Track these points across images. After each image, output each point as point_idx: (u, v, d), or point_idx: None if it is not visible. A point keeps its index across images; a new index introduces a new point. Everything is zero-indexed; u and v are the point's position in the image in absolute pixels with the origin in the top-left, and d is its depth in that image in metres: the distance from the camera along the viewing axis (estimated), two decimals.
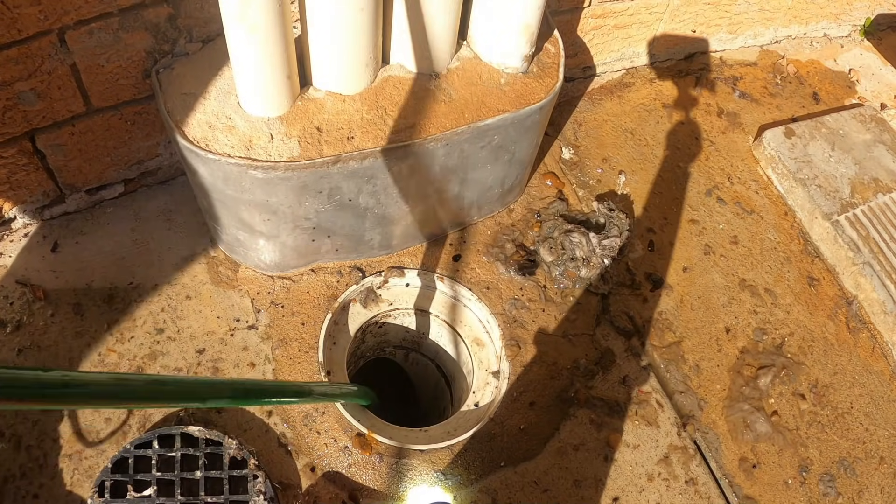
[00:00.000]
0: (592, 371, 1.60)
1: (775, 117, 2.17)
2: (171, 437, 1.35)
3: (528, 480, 1.45)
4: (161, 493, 1.30)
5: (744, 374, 1.66)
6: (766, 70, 2.28)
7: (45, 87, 1.31)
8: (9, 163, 1.41)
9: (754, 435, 1.58)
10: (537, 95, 1.49)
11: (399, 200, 1.52)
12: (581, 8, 1.85)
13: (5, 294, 1.47)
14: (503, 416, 1.51)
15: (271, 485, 1.34)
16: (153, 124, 1.51)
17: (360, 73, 1.37)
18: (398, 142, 1.37)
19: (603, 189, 1.90)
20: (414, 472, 1.42)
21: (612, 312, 1.69)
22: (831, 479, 1.56)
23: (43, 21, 1.21)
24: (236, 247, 1.55)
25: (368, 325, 1.68)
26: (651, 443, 1.53)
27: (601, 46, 2.03)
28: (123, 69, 1.36)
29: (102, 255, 1.55)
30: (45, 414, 1.36)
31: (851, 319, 1.80)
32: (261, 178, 1.31)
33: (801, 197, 1.94)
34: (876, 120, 2.13)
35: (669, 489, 1.48)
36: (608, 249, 1.73)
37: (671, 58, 2.21)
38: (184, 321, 1.51)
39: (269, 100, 1.30)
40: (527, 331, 1.62)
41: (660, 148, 2.02)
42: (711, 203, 1.94)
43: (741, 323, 1.74)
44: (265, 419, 1.43)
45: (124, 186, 1.62)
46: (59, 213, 1.58)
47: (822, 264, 1.88)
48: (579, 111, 2.05)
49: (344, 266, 1.64)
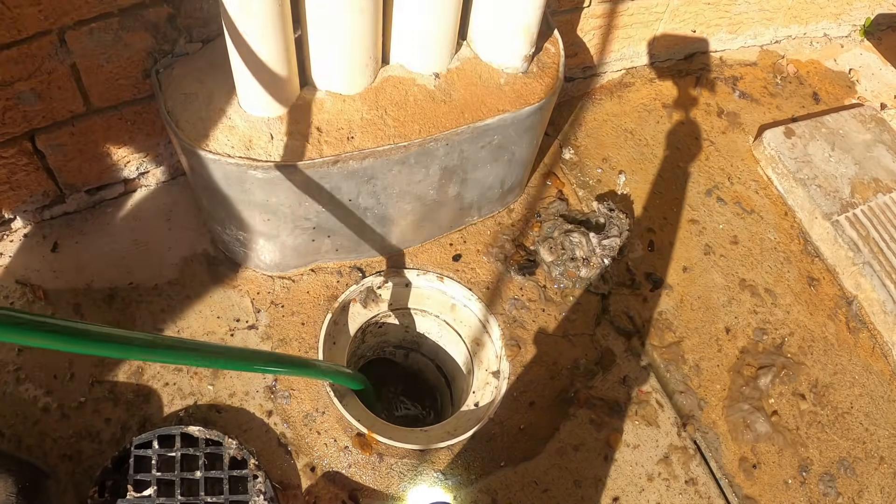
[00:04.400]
0: (592, 371, 1.60)
1: (775, 117, 2.17)
2: (171, 437, 1.35)
3: (528, 480, 1.45)
4: (161, 492, 1.30)
5: (744, 374, 1.66)
6: (766, 70, 2.28)
7: (45, 87, 1.31)
8: (9, 163, 1.41)
9: (754, 435, 1.58)
10: (537, 95, 1.49)
11: (399, 200, 1.52)
12: (581, 8, 1.85)
13: (5, 294, 1.47)
14: (503, 416, 1.51)
15: (271, 485, 1.34)
16: (153, 124, 1.51)
17: (360, 72, 1.37)
18: (398, 142, 1.37)
19: (603, 189, 1.90)
20: (414, 472, 1.42)
21: (612, 312, 1.69)
22: (831, 479, 1.56)
23: (43, 21, 1.21)
24: (236, 247, 1.55)
25: (368, 325, 1.68)
26: (651, 443, 1.53)
27: (601, 46, 2.03)
28: (123, 69, 1.36)
29: (102, 255, 1.55)
30: (45, 413, 1.36)
31: (851, 319, 1.80)
32: (261, 178, 1.31)
33: (801, 197, 1.94)
34: (876, 120, 2.14)
35: (669, 489, 1.49)
36: (608, 249, 1.73)
37: (671, 58, 2.21)
38: (184, 321, 1.51)
39: (269, 100, 1.30)
40: (527, 331, 1.62)
41: (660, 148, 2.02)
42: (711, 203, 1.94)
43: (741, 323, 1.74)
44: (265, 419, 1.43)
45: (124, 186, 1.62)
46: (59, 213, 1.58)
47: (822, 264, 1.88)
48: (579, 111, 2.05)
49: (344, 266, 1.64)
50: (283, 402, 1.45)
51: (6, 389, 1.37)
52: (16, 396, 1.37)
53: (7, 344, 1.42)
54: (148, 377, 1.43)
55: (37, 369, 1.40)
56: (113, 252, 1.56)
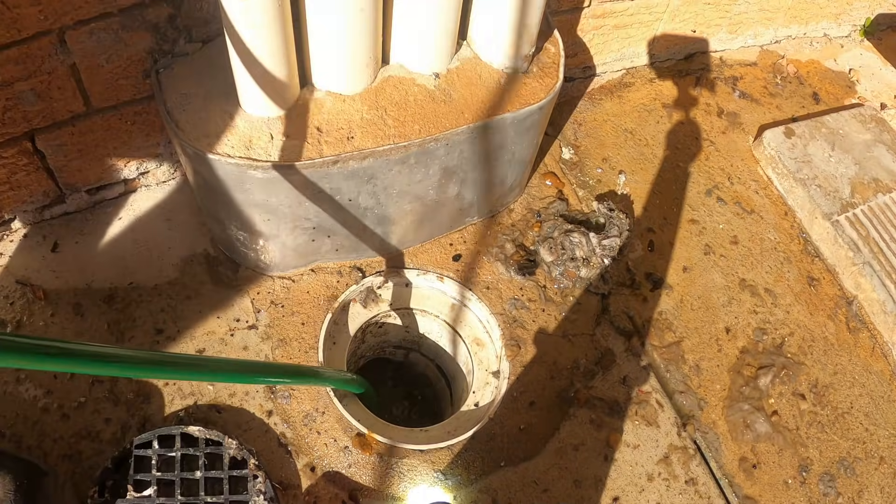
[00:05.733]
0: (592, 371, 1.60)
1: (775, 117, 2.17)
2: (171, 437, 1.35)
3: (528, 480, 1.45)
4: (161, 492, 1.30)
5: (744, 374, 1.66)
6: (766, 70, 2.28)
7: (45, 87, 1.31)
8: (9, 163, 1.41)
9: (754, 435, 1.58)
10: (537, 95, 1.49)
11: (399, 200, 1.52)
12: (581, 8, 1.85)
13: (5, 294, 1.47)
14: (503, 416, 1.51)
15: (271, 485, 1.34)
16: (153, 124, 1.51)
17: (360, 72, 1.37)
18: (398, 142, 1.37)
19: (603, 189, 1.90)
20: (414, 472, 1.42)
21: (612, 312, 1.69)
22: (831, 479, 1.56)
23: (43, 21, 1.21)
24: (236, 247, 1.55)
25: (368, 325, 1.68)
26: (651, 443, 1.53)
27: (601, 46, 2.03)
28: (123, 69, 1.36)
29: (102, 255, 1.55)
30: (45, 413, 1.36)
31: (851, 319, 1.80)
32: (261, 178, 1.31)
33: (801, 197, 1.94)
34: (876, 120, 2.13)
35: (669, 489, 1.49)
36: (608, 249, 1.73)
37: (671, 58, 2.21)
38: (184, 321, 1.51)
39: (269, 100, 1.30)
40: (527, 331, 1.62)
41: (660, 148, 2.02)
42: (711, 203, 1.94)
43: (741, 323, 1.74)
44: (265, 419, 1.43)
45: (124, 186, 1.62)
46: (59, 213, 1.58)
47: (822, 264, 1.88)
48: (579, 111, 2.05)
49: (344, 266, 1.64)
50: (283, 402, 1.45)
51: (6, 389, 1.37)
52: (16, 396, 1.37)
53: None
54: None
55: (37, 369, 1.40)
56: (113, 252, 1.56)
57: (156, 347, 1.46)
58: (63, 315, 1.47)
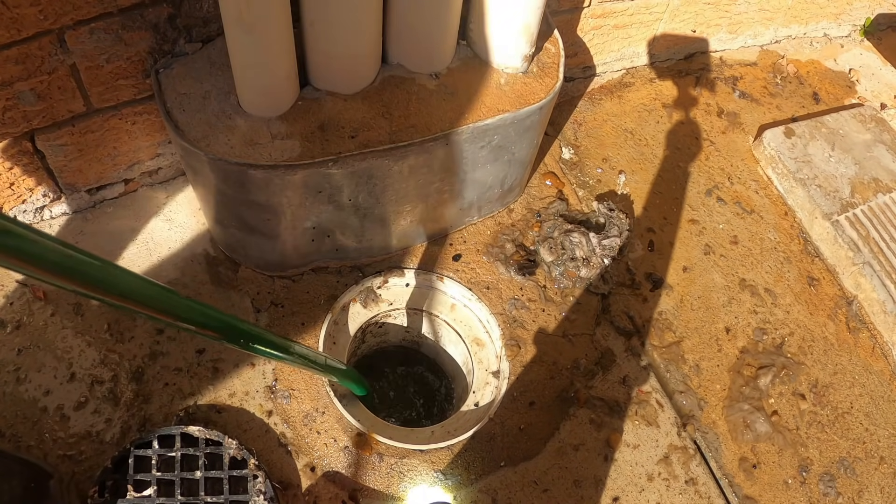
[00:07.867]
0: (592, 371, 1.60)
1: (775, 117, 2.17)
2: (171, 437, 1.35)
3: (528, 480, 1.45)
4: (161, 493, 1.30)
5: (744, 374, 1.66)
6: (766, 70, 2.28)
7: (45, 87, 1.31)
8: (9, 163, 1.41)
9: (754, 435, 1.58)
10: (537, 95, 1.49)
11: (399, 200, 1.52)
12: (581, 8, 1.85)
13: (5, 294, 1.47)
14: (503, 416, 1.51)
15: (271, 485, 1.34)
16: (153, 124, 1.51)
17: (360, 72, 1.37)
18: (398, 142, 1.37)
19: (603, 189, 1.90)
20: (414, 472, 1.42)
21: (612, 312, 1.69)
22: (831, 479, 1.56)
23: (43, 21, 1.21)
24: (236, 247, 1.55)
25: (368, 324, 1.68)
26: (651, 443, 1.53)
27: (601, 46, 2.03)
28: (123, 69, 1.36)
29: (102, 255, 1.55)
30: (45, 413, 1.36)
31: (851, 319, 1.80)
32: (261, 178, 1.31)
33: (801, 197, 1.94)
34: (876, 120, 2.13)
35: (669, 489, 1.49)
36: (608, 249, 1.73)
37: (671, 58, 2.21)
38: None
39: (268, 100, 1.30)
40: (527, 331, 1.62)
41: (660, 148, 2.02)
42: (711, 203, 1.94)
43: (741, 323, 1.74)
44: (265, 419, 1.43)
45: (124, 186, 1.62)
46: (59, 213, 1.58)
47: (822, 264, 1.88)
48: (579, 111, 2.05)
49: (344, 266, 1.64)
50: (283, 402, 1.45)
51: (6, 389, 1.37)
52: (16, 396, 1.37)
53: (7, 343, 1.42)
54: (148, 377, 1.43)
55: (37, 369, 1.40)
56: (113, 252, 1.56)
57: (156, 348, 1.47)
58: (63, 315, 1.47)
